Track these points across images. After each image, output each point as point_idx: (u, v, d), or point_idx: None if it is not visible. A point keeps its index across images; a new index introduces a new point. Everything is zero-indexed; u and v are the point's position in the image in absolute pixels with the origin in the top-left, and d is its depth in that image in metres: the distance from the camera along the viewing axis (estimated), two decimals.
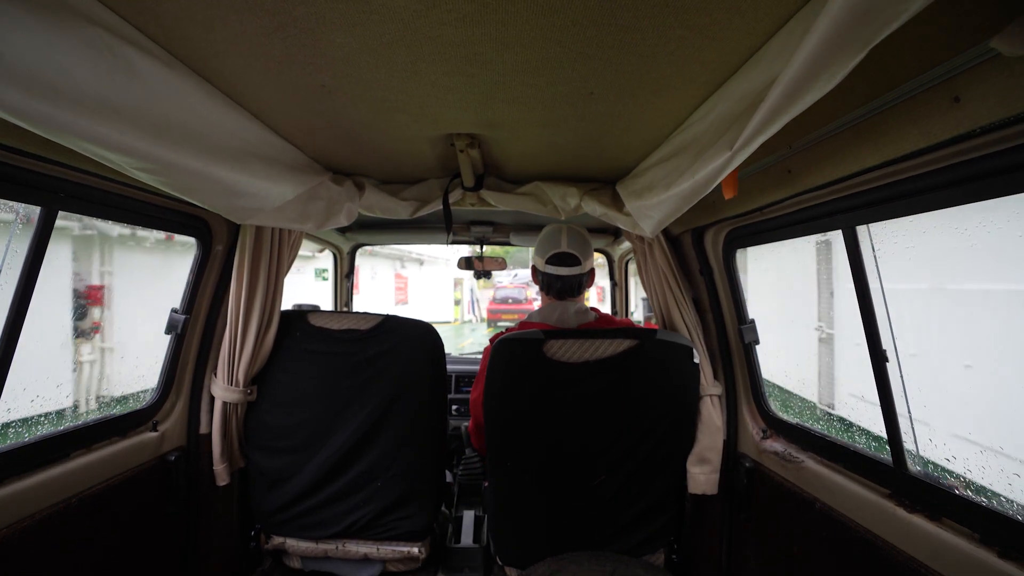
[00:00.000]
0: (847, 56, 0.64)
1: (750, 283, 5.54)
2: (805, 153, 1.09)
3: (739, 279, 1.73)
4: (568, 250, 1.70)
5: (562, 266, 1.70)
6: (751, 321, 1.70)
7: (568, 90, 1.00)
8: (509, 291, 19.20)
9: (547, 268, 1.71)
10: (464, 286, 21.29)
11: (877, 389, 1.20)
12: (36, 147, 0.97)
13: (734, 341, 1.72)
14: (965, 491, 1.01)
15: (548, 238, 1.75)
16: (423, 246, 16.12)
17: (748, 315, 1.71)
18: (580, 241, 1.74)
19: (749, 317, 1.70)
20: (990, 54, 0.67)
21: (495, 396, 1.54)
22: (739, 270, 1.72)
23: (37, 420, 3.64)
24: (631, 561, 1.42)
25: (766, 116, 0.78)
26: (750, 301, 1.72)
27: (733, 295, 1.72)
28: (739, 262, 1.71)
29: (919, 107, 0.81)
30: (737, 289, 1.72)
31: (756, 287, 5.75)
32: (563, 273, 1.70)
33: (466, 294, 21.46)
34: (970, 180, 0.87)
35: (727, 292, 1.73)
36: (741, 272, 1.73)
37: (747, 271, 5.80)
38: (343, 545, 1.71)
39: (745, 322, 1.69)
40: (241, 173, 1.18)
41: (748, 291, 1.72)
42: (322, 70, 0.93)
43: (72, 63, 0.73)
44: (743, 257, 1.74)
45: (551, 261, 1.71)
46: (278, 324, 1.66)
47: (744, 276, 1.72)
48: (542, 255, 1.73)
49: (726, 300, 1.73)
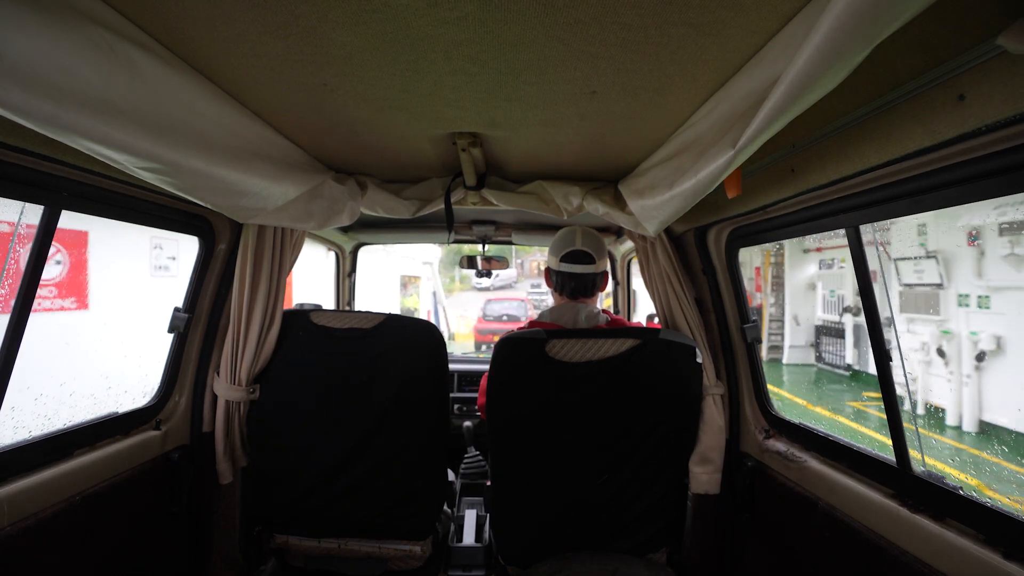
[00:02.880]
0: (851, 54, 0.64)
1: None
2: (808, 152, 1.09)
3: (741, 278, 1.73)
4: (583, 248, 1.70)
5: (577, 264, 1.70)
6: (754, 320, 1.69)
7: (570, 89, 1.00)
8: (505, 306, 14.31)
9: (561, 266, 1.72)
10: (422, 288, 13.74)
11: (881, 389, 1.20)
12: (39, 146, 0.98)
13: (737, 340, 1.72)
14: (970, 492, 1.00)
15: (562, 238, 1.76)
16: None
17: (750, 314, 1.71)
18: (594, 241, 1.74)
19: (751, 317, 1.70)
20: (996, 51, 0.67)
21: (498, 395, 1.54)
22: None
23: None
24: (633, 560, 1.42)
25: (769, 115, 0.78)
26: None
27: (736, 294, 1.71)
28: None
29: (923, 105, 0.80)
30: (740, 288, 1.71)
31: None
32: (578, 271, 1.70)
33: (425, 300, 13.61)
34: (975, 179, 0.86)
35: (730, 291, 1.72)
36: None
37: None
38: (345, 544, 1.71)
39: (748, 321, 1.69)
40: (243, 172, 1.19)
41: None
42: (324, 69, 0.92)
43: (75, 62, 0.73)
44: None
45: (566, 259, 1.71)
46: (280, 323, 1.66)
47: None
48: (556, 254, 1.74)
49: (729, 299, 1.73)
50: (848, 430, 7.38)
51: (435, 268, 12.36)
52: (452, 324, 15.07)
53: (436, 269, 13.15)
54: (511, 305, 14.40)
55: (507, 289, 26.28)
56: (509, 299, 15.06)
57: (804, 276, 11.85)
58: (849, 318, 10.21)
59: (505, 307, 14.25)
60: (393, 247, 10.42)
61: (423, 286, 13.82)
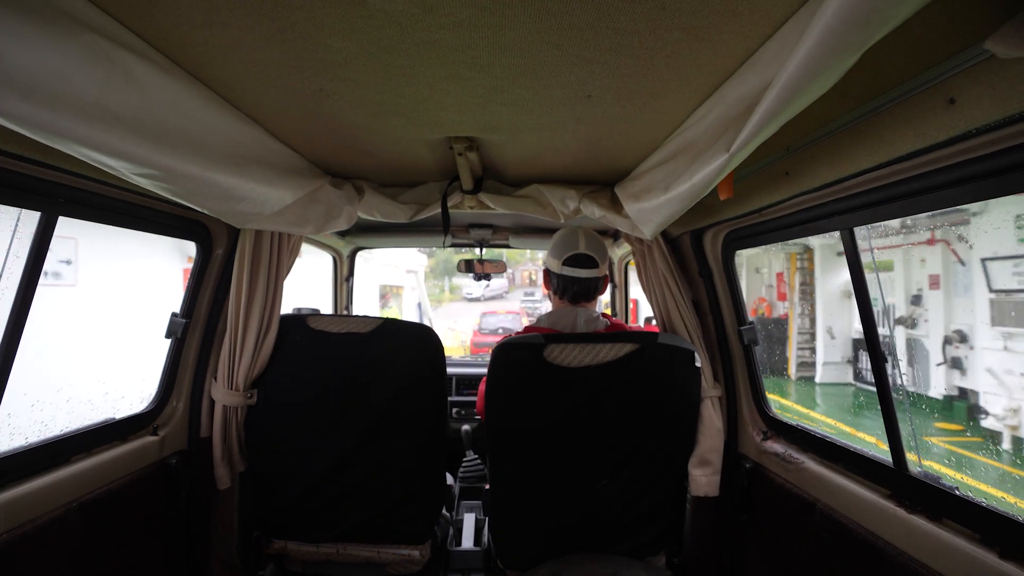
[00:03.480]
0: (842, 59, 0.65)
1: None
2: (802, 155, 1.10)
3: (738, 280, 1.73)
4: (586, 252, 1.65)
5: (580, 268, 1.65)
6: (751, 322, 1.70)
7: (565, 93, 1.00)
8: (501, 318, 14.50)
9: (564, 270, 1.66)
10: (405, 299, 13.09)
11: (877, 389, 1.21)
12: (35, 153, 0.98)
13: (734, 342, 1.72)
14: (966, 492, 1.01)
15: (564, 240, 1.69)
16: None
17: (748, 316, 1.71)
18: (597, 244, 1.69)
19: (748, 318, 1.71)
20: (984, 56, 0.67)
21: (496, 400, 1.54)
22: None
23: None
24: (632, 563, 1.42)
25: (762, 119, 0.79)
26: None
27: (732, 296, 1.72)
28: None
29: (914, 109, 0.81)
30: (736, 290, 1.72)
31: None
32: (581, 275, 1.65)
33: (409, 313, 12.67)
34: (966, 181, 0.87)
35: (726, 293, 1.73)
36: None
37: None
38: (344, 548, 1.71)
39: (745, 323, 1.70)
40: (240, 178, 1.19)
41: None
42: (320, 74, 0.93)
43: (70, 69, 0.73)
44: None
45: (568, 263, 1.65)
46: (278, 328, 1.66)
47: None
48: (558, 257, 1.67)
49: (726, 301, 1.73)
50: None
51: (420, 277, 11.06)
52: (440, 338, 14.68)
53: (422, 278, 12.10)
54: (507, 318, 14.53)
55: (498, 300, 26.18)
56: (505, 312, 15.19)
57: (838, 282, 10.10)
58: (902, 331, 8.34)
59: (500, 320, 14.37)
60: (372, 254, 10.01)
61: (407, 296, 13.17)
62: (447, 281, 31.70)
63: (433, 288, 30.50)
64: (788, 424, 1.55)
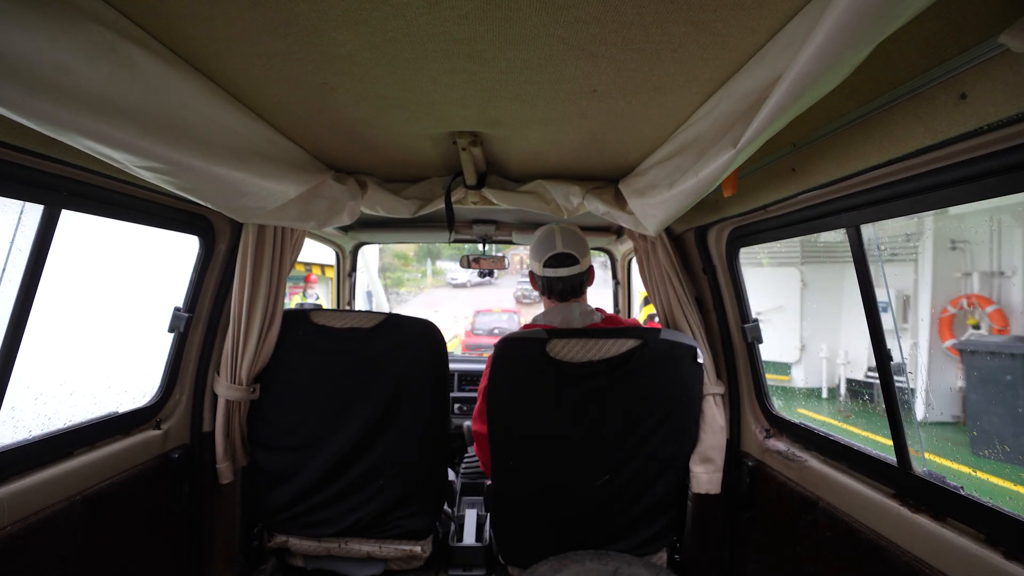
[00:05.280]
0: (853, 53, 0.64)
1: None
2: (809, 151, 1.09)
3: (742, 277, 1.72)
4: (564, 250, 1.69)
5: (561, 267, 1.68)
6: (754, 320, 1.69)
7: (571, 88, 1.00)
8: (497, 319, 13.22)
9: (546, 271, 1.70)
10: (356, 283, 5.72)
11: (881, 389, 1.20)
12: (39, 145, 0.97)
13: (737, 340, 1.72)
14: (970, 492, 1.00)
15: (541, 241, 1.74)
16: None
17: (751, 313, 1.70)
18: (575, 239, 1.72)
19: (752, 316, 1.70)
20: (998, 50, 0.66)
21: (498, 395, 1.54)
22: None
23: None
24: (634, 560, 1.42)
25: (770, 114, 0.78)
26: None
27: (736, 294, 1.71)
28: None
29: (925, 104, 0.80)
30: (740, 288, 1.71)
31: None
32: (563, 274, 1.69)
33: (358, 298, 6.00)
34: (977, 178, 0.86)
35: (730, 291, 1.72)
36: None
37: None
38: (345, 544, 1.71)
39: (748, 321, 1.69)
40: (243, 172, 1.18)
41: None
42: (324, 67, 0.92)
43: (74, 61, 0.73)
44: None
45: (549, 264, 1.69)
46: (281, 322, 1.66)
47: None
48: (538, 259, 1.72)
49: (729, 299, 1.73)
50: None
51: (368, 259, 8.79)
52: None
53: (374, 257, 10.10)
54: (502, 318, 13.36)
55: (487, 286, 24.39)
56: (501, 311, 13.88)
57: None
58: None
59: (496, 319, 13.19)
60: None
61: (360, 281, 10.51)
62: (429, 264, 28.80)
63: (414, 272, 27.79)
64: (791, 422, 1.55)
